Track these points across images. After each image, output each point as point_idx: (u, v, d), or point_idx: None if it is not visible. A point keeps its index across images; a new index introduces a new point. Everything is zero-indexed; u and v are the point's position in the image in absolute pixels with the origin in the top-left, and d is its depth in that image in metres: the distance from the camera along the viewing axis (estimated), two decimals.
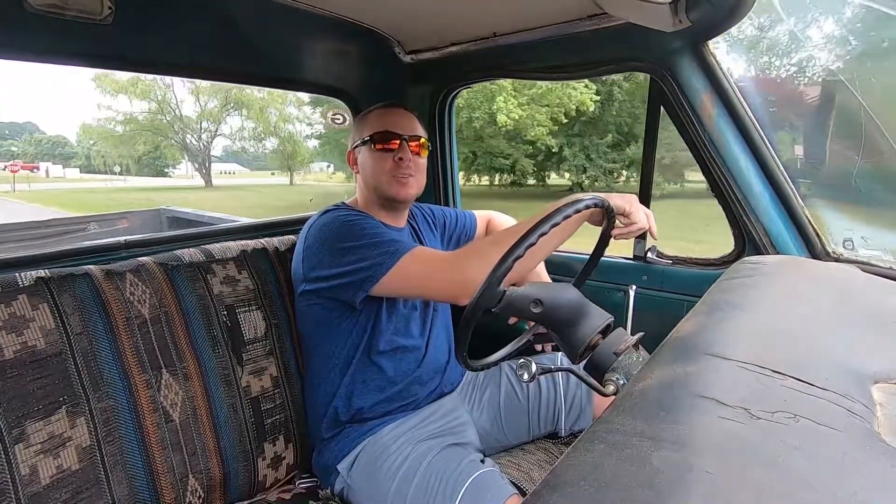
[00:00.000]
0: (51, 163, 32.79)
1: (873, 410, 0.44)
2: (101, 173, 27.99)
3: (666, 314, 1.33)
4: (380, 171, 1.17)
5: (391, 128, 1.17)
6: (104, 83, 18.89)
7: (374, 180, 1.18)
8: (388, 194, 1.18)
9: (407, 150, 1.17)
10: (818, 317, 0.66)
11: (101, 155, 23.79)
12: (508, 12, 1.30)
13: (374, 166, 1.18)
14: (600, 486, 0.34)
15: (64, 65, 1.11)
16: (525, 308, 0.74)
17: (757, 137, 1.20)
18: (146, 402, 1.00)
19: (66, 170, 28.52)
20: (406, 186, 1.18)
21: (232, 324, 1.16)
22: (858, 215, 1.30)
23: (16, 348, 0.88)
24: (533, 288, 0.75)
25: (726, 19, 1.05)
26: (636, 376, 0.51)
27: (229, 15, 1.26)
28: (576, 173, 15.79)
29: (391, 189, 1.18)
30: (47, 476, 0.87)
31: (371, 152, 1.18)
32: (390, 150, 1.17)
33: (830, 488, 0.34)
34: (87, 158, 22.55)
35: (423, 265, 1.02)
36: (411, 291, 1.07)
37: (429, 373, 1.21)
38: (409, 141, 1.17)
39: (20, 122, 53.32)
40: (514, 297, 0.74)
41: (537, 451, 1.28)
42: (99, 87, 19.43)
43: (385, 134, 1.17)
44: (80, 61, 1.12)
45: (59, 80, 65.88)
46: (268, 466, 1.17)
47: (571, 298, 0.77)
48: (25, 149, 40.14)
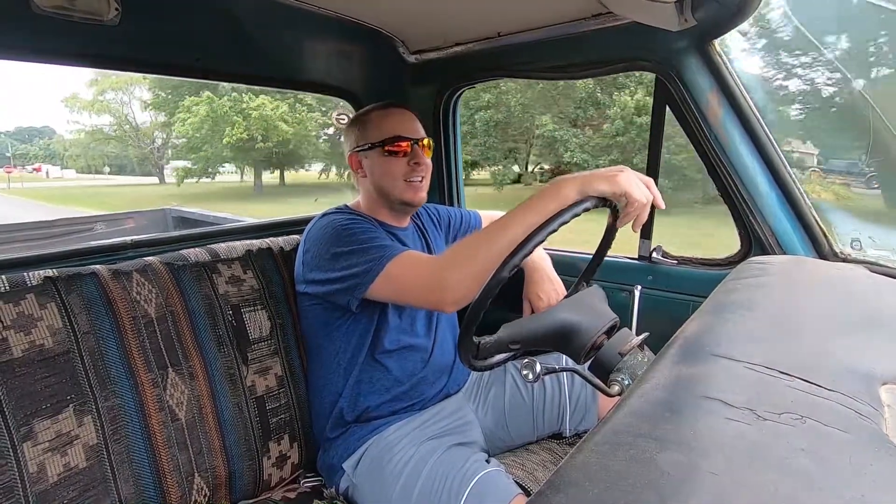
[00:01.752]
0: (51, 165, 35.13)
1: (881, 412, 0.44)
2: (98, 174, 30.82)
3: (671, 314, 1.32)
4: (393, 176, 1.16)
5: (402, 132, 1.17)
6: (71, 103, 22.75)
7: (388, 185, 1.17)
8: (402, 199, 1.18)
9: (420, 155, 1.17)
10: (825, 317, 0.66)
11: (74, 157, 28.23)
12: (513, 12, 1.30)
13: (386, 171, 1.17)
14: (605, 487, 0.34)
15: (70, 66, 1.11)
16: (504, 350, 0.74)
17: (763, 137, 1.19)
18: (152, 401, 1.01)
19: (63, 171, 30.41)
20: (420, 191, 1.18)
21: (237, 323, 1.17)
22: None
23: (24, 347, 0.89)
24: (504, 331, 0.73)
25: (733, 18, 1.04)
26: (641, 377, 0.51)
27: (235, 16, 1.26)
28: None
29: (406, 194, 1.17)
30: (55, 474, 0.88)
31: (382, 157, 1.17)
32: (403, 155, 1.16)
33: (837, 490, 0.34)
34: (75, 160, 25.66)
35: (406, 273, 1.00)
36: (398, 298, 1.06)
37: (435, 373, 1.21)
38: (419, 143, 1.17)
39: (38, 127, 55.09)
40: (489, 347, 0.72)
41: (542, 451, 1.28)
42: (68, 106, 23.48)
43: (397, 138, 1.16)
44: (87, 62, 1.13)
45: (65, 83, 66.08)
46: (273, 465, 1.18)
47: (549, 324, 0.75)
48: (37, 152, 42.28)
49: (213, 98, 15.82)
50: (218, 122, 16.25)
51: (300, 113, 17.25)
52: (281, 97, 16.25)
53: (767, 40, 6.48)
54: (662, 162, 1.35)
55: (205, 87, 15.74)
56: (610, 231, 0.90)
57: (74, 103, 22.54)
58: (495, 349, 0.73)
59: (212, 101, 15.85)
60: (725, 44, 1.15)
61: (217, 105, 15.93)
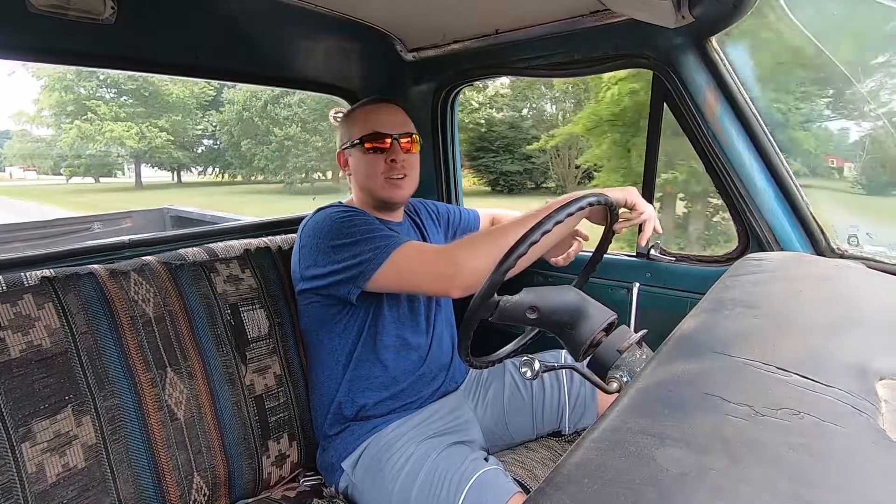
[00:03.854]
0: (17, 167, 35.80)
1: (878, 407, 0.44)
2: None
3: (669, 311, 1.32)
4: (372, 173, 1.16)
5: (380, 128, 1.16)
6: (20, 118, 25.50)
7: (368, 183, 1.18)
8: (382, 197, 1.18)
9: (398, 151, 1.16)
10: (823, 314, 0.66)
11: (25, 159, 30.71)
12: (511, 9, 1.29)
13: (365, 169, 1.17)
14: (604, 484, 0.34)
15: (66, 65, 1.11)
16: (521, 315, 0.74)
17: (761, 133, 1.19)
18: (151, 401, 1.01)
19: (26, 172, 31.26)
20: (399, 188, 1.18)
21: (236, 322, 1.17)
22: None
23: (21, 347, 0.89)
24: (527, 294, 0.74)
25: (730, 15, 1.04)
26: (640, 374, 0.51)
27: (232, 14, 1.26)
28: None
29: (385, 192, 1.17)
30: (53, 474, 0.88)
31: (362, 155, 1.17)
32: (381, 151, 1.16)
33: (835, 485, 0.34)
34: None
35: (414, 259, 1.01)
36: (404, 286, 1.07)
37: (433, 370, 1.21)
38: (399, 139, 1.16)
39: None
40: (508, 306, 0.73)
41: (541, 448, 1.28)
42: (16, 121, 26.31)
43: (375, 135, 1.16)
44: (83, 61, 1.12)
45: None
46: (272, 464, 1.18)
47: (569, 301, 0.76)
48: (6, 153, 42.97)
49: (81, 125, 20.91)
50: (85, 139, 21.55)
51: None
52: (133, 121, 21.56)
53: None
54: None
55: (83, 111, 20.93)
56: (607, 233, 0.92)
57: (20, 117, 25.14)
58: (514, 310, 0.73)
59: (80, 127, 20.95)
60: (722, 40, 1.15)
61: (84, 129, 21.03)
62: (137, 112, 21.58)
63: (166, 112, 22.14)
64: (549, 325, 0.76)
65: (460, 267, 0.94)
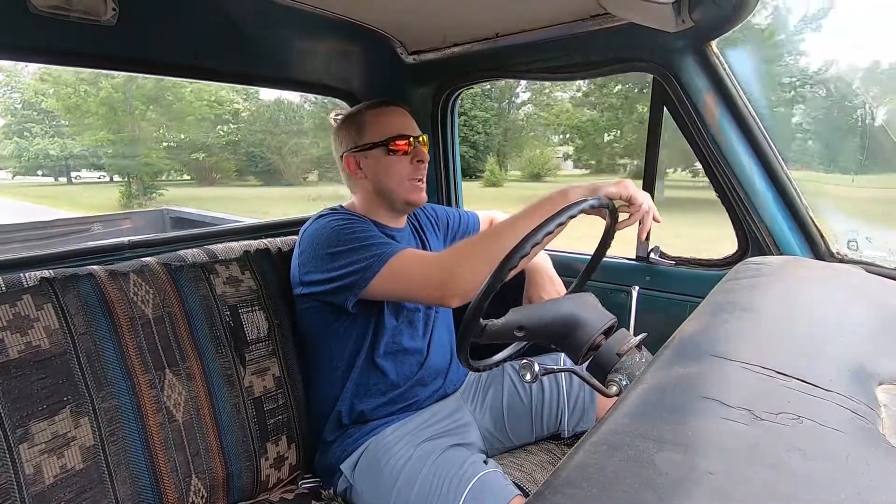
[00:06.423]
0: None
1: (877, 412, 0.44)
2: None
3: (669, 315, 1.32)
4: (398, 175, 1.16)
5: (404, 130, 1.16)
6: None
7: (392, 185, 1.16)
8: (407, 199, 1.17)
9: (423, 152, 1.16)
10: (822, 318, 0.66)
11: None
12: (511, 13, 1.30)
13: (390, 171, 1.16)
14: (603, 487, 0.34)
15: (67, 66, 1.11)
16: (510, 335, 0.74)
17: (760, 137, 1.19)
18: (150, 403, 1.01)
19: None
20: (422, 191, 1.18)
21: (235, 324, 1.16)
22: None
23: (20, 348, 0.88)
24: (513, 314, 0.73)
25: (730, 19, 1.05)
26: (639, 377, 0.51)
27: (233, 17, 1.26)
28: None
29: (411, 195, 1.17)
30: (51, 476, 0.88)
31: (385, 157, 1.15)
32: (406, 154, 1.16)
33: (834, 489, 0.34)
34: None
35: (410, 268, 1.01)
36: (400, 294, 1.06)
37: (431, 374, 1.21)
38: (419, 141, 1.17)
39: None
40: (495, 329, 0.72)
41: (540, 451, 1.28)
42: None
43: (399, 136, 1.15)
44: (84, 62, 1.12)
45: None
46: (271, 466, 1.17)
47: (558, 314, 0.75)
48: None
49: (20, 141, 22.87)
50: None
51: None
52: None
53: None
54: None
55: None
56: (608, 233, 0.91)
57: None
58: (502, 332, 0.73)
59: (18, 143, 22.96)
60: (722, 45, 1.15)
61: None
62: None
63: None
64: (541, 339, 0.76)
65: (454, 274, 0.94)
